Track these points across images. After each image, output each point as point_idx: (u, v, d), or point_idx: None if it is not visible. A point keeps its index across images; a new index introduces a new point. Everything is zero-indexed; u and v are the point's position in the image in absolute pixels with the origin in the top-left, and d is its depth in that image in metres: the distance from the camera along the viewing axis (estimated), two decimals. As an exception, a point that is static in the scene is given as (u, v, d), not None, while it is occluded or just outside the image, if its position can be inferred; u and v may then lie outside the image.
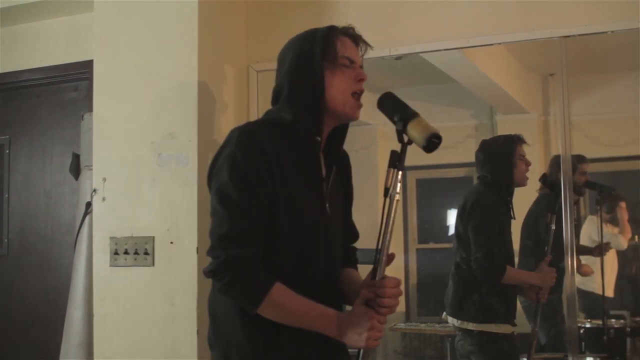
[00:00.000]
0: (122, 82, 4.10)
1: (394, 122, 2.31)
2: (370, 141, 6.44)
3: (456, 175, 5.34)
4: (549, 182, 4.31)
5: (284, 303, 2.35)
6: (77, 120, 4.73)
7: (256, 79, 4.46)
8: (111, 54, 4.15)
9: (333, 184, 2.60)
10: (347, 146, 2.79)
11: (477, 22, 4.14)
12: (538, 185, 4.87)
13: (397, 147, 6.49)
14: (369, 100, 7.13)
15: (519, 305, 4.81)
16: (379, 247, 2.33)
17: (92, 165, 4.16)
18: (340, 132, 2.67)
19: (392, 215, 2.28)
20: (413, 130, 2.25)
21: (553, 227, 4.11)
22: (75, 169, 4.63)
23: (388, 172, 2.27)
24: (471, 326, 4.11)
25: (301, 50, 2.53)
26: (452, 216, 5.18)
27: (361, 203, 6.79)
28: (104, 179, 4.07)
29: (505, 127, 6.28)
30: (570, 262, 3.92)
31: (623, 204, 5.77)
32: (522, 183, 4.31)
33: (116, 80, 4.11)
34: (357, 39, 2.60)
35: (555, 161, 4.67)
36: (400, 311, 6.17)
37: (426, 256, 6.30)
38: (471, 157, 5.18)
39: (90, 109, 4.36)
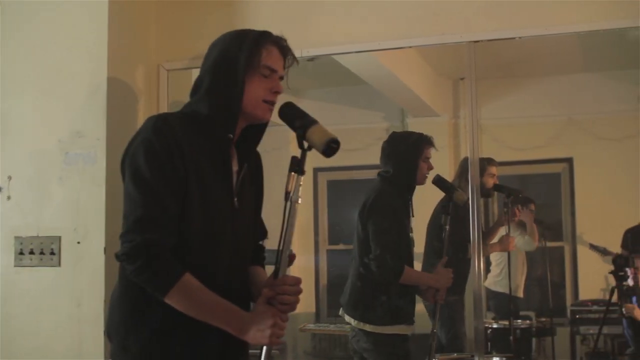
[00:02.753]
0: (30, 80, 4.02)
1: (295, 129, 2.36)
2: (281, 142, 6.40)
3: (367, 177, 5.37)
4: (442, 184, 4.35)
5: (192, 293, 2.36)
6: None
7: (166, 78, 4.41)
8: (19, 51, 4.06)
9: (243, 180, 2.61)
10: (259, 147, 2.80)
11: (389, 25, 4.17)
12: (434, 190, 4.95)
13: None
14: (281, 100, 7.12)
15: (421, 306, 4.88)
16: (280, 248, 2.39)
17: (-4, 164, 4.07)
18: (255, 131, 2.69)
19: (293, 218, 2.34)
20: (313, 136, 2.32)
21: (447, 227, 4.16)
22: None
23: (289, 176, 2.32)
24: (368, 327, 4.12)
25: (228, 49, 2.56)
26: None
27: (271, 203, 6.81)
28: (9, 177, 3.98)
29: (416, 129, 6.29)
30: (477, 263, 3.98)
31: (532, 206, 5.89)
32: (421, 182, 4.34)
33: (24, 77, 4.03)
34: (285, 51, 2.64)
35: (464, 163, 4.75)
36: (310, 312, 6.19)
37: (336, 257, 6.33)
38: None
39: (-5, 106, 4.26)
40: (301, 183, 2.33)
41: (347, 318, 4.23)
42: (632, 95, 5.52)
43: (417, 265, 4.58)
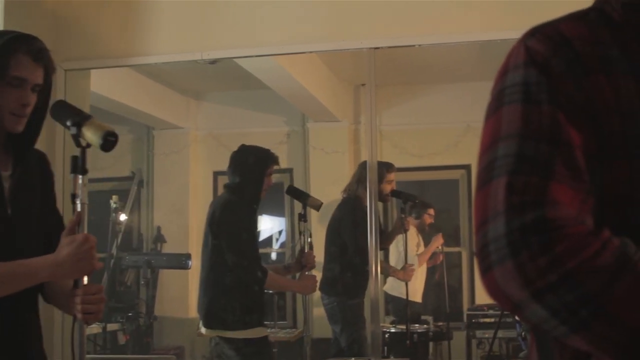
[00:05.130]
0: None
1: (68, 128, 2.28)
2: (181, 145, 6.39)
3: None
4: (295, 193, 4.41)
5: None
6: None
7: (64, 78, 4.31)
8: None
9: (19, 185, 2.49)
10: (157, 149, 2.74)
11: (291, 30, 4.17)
12: (333, 196, 4.98)
13: (210, 149, 6.43)
14: (181, 103, 7.03)
15: (321, 310, 4.89)
16: None
17: None
18: (31, 132, 2.56)
19: (82, 220, 2.26)
20: (88, 132, 2.22)
21: (308, 237, 4.23)
22: None
23: (72, 177, 2.24)
24: (228, 334, 4.10)
25: None
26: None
27: (171, 207, 6.76)
28: None
29: (317, 134, 6.38)
30: (374, 268, 4.00)
31: (431, 211, 5.96)
32: (263, 196, 4.37)
33: None
34: (38, 57, 2.47)
35: (361, 169, 4.78)
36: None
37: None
38: (284, 164, 5.22)
39: None
40: (85, 183, 2.25)
41: (205, 331, 4.20)
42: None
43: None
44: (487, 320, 5.45)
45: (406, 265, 5.06)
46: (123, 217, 6.31)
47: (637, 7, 1.19)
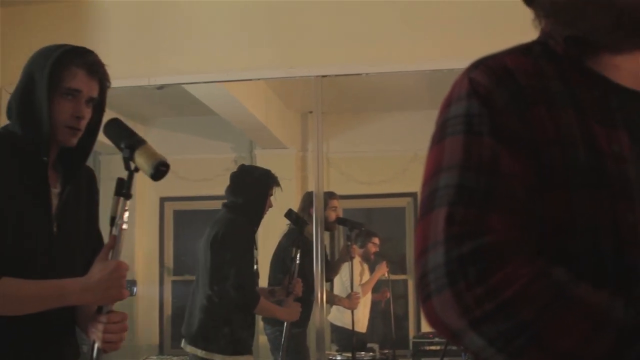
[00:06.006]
0: None
1: (121, 150, 2.23)
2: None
3: (214, 207, 5.30)
4: (294, 217, 4.39)
5: (16, 289, 2.22)
6: None
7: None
8: None
9: (67, 203, 2.47)
10: (105, 174, 2.71)
11: (239, 57, 4.18)
12: (280, 222, 4.97)
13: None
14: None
15: (264, 338, 4.86)
16: None
17: None
18: (82, 149, 2.54)
19: (120, 244, 2.22)
20: (140, 158, 2.16)
21: (298, 261, 4.20)
22: None
23: (115, 200, 2.20)
24: (217, 357, 4.07)
25: (31, 70, 2.41)
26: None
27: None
28: None
29: (264, 161, 6.36)
30: (320, 295, 4.00)
31: (376, 240, 5.97)
32: (263, 217, 4.37)
33: None
34: (92, 70, 2.46)
35: (307, 197, 4.79)
36: (154, 344, 6.08)
37: (181, 288, 6.24)
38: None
39: None
40: (127, 207, 2.21)
41: (190, 349, 4.17)
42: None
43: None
44: (433, 347, 5.47)
45: (352, 293, 5.06)
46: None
47: (579, 42, 1.22)
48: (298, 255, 4.19)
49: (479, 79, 1.18)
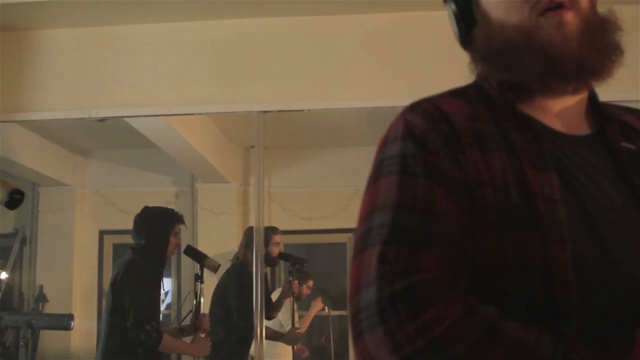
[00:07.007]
0: None
1: None
2: (67, 203, 6.27)
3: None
4: (193, 254, 4.43)
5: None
6: None
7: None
8: None
9: None
10: (43, 206, 2.69)
11: (180, 90, 4.18)
12: (221, 257, 4.96)
13: (97, 207, 6.29)
14: (68, 160, 6.92)
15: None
16: None
17: None
18: None
19: None
20: None
21: (202, 298, 4.24)
22: None
23: None
24: None
25: None
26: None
27: (54, 266, 6.60)
28: None
29: (206, 195, 6.34)
30: (259, 331, 3.99)
31: (310, 283, 5.96)
32: (170, 256, 4.38)
33: None
34: None
35: (248, 233, 4.79)
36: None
37: (120, 323, 6.17)
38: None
39: None
40: None
41: None
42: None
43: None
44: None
45: (292, 329, 5.05)
46: (4, 275, 6.12)
47: (511, 86, 1.25)
48: (200, 290, 4.21)
49: (414, 121, 1.21)
